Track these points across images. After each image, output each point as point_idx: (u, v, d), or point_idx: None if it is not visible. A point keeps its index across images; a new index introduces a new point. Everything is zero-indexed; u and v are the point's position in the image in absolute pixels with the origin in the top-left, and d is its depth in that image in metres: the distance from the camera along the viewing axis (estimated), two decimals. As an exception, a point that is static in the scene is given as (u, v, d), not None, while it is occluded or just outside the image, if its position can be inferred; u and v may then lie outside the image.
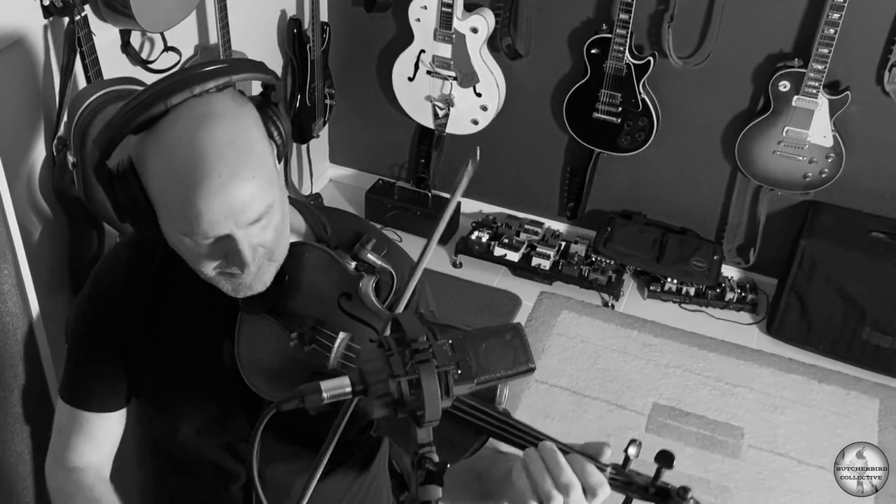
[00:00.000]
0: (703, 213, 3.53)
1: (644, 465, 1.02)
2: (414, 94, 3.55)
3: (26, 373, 2.11)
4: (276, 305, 1.16)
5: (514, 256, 3.59)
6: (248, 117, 1.08)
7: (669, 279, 3.49)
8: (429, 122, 3.61)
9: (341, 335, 1.12)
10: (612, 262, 3.53)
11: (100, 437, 1.35)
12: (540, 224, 3.76)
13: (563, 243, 3.67)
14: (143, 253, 1.28)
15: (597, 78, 3.23)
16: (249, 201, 1.05)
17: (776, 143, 3.10)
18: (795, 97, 2.98)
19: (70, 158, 1.99)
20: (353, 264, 1.18)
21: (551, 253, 3.58)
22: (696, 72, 3.19)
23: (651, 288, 3.51)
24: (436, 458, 0.84)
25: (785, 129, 3.06)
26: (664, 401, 3.08)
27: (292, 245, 1.17)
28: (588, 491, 0.98)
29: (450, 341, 0.84)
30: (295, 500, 1.03)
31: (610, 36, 3.12)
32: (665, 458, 1.00)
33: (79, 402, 1.33)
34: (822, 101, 2.97)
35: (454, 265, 3.65)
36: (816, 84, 2.93)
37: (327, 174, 4.12)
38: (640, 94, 3.20)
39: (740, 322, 3.44)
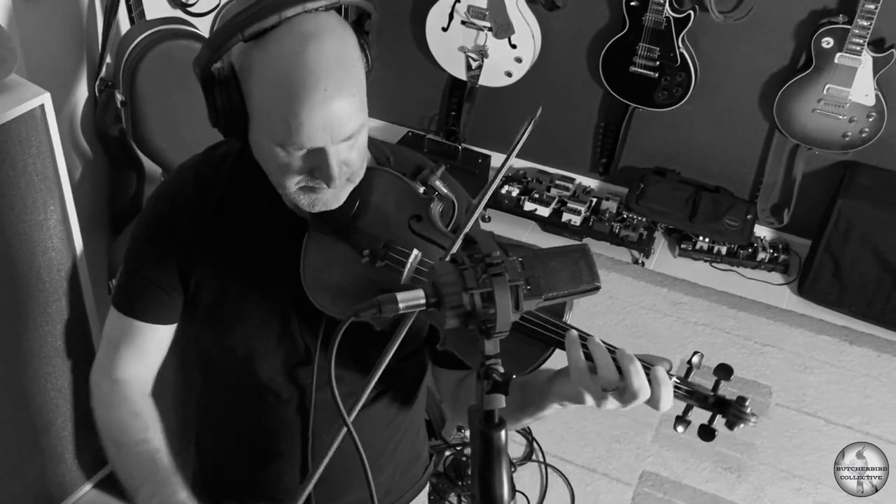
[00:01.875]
0: (738, 172, 3.57)
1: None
2: (447, 44, 3.58)
3: (69, 308, 2.20)
4: (346, 225, 1.23)
5: (544, 212, 3.64)
6: (350, 39, 1.16)
7: (701, 238, 3.54)
8: (461, 74, 3.65)
9: (415, 252, 1.20)
10: (644, 220, 3.58)
11: (148, 349, 1.41)
12: (571, 180, 3.81)
13: (595, 199, 3.72)
14: (211, 172, 1.34)
15: (635, 31, 3.26)
16: (347, 118, 1.13)
17: (816, 101, 3.13)
18: (838, 54, 3.01)
19: (119, 97, 2.06)
20: (422, 189, 1.25)
21: (582, 209, 3.63)
22: (737, 27, 3.21)
23: (682, 246, 3.56)
24: (501, 370, 0.92)
25: (826, 87, 3.09)
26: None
27: (367, 170, 1.24)
28: (654, 382, 1.08)
29: (520, 259, 0.90)
30: (353, 402, 1.10)
31: (650, -12, 3.15)
32: (724, 371, 1.10)
33: (131, 311, 1.38)
34: (866, 59, 2.99)
35: (483, 219, 3.71)
36: (861, 41, 2.95)
37: (356, 125, 4.17)
38: (678, 48, 3.22)
39: (771, 282, 3.49)
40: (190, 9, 2.65)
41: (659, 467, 2.81)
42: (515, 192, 3.70)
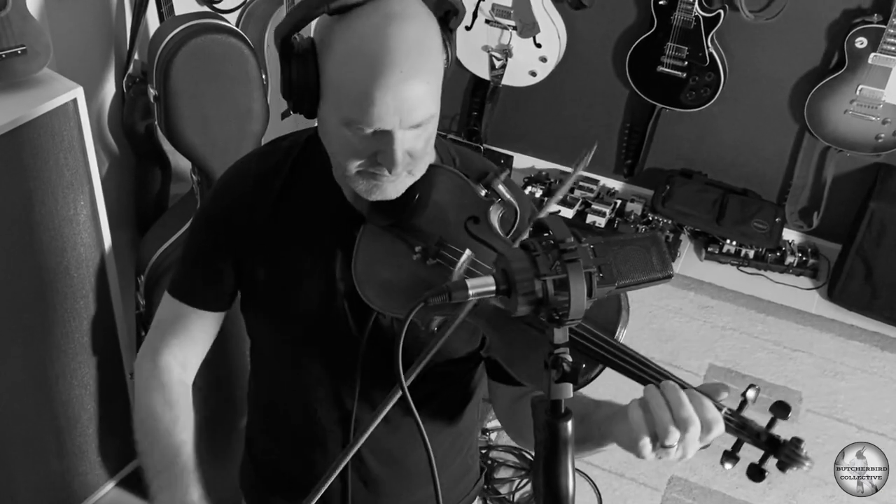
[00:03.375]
0: (767, 174, 3.58)
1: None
2: (471, 43, 3.59)
3: (96, 304, 2.22)
4: (402, 220, 1.24)
5: (567, 213, 3.66)
6: (434, 28, 1.17)
7: (728, 241, 3.54)
8: (484, 73, 3.66)
9: (467, 252, 1.20)
10: (670, 222, 3.59)
11: (195, 336, 1.43)
12: (595, 181, 3.82)
13: (619, 201, 3.73)
14: (274, 163, 1.36)
15: (663, 30, 3.27)
16: (419, 103, 1.13)
17: (849, 102, 3.14)
18: (872, 54, 3.01)
19: (151, 91, 2.08)
20: (484, 192, 1.26)
21: (607, 210, 3.64)
22: (768, 26, 3.22)
23: (709, 249, 3.57)
24: (570, 359, 0.92)
25: (859, 88, 3.09)
26: (720, 362, 3.15)
27: (430, 166, 1.25)
28: (703, 425, 1.04)
29: (591, 246, 0.91)
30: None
31: (679, -13, 3.16)
32: (781, 409, 1.06)
33: (183, 296, 1.41)
34: (901, 60, 3.00)
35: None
36: None
37: (376, 125, 4.19)
38: (707, 48, 3.24)
39: (800, 287, 3.49)
40: (216, 5, 2.67)
41: (687, 472, 2.81)
42: (538, 193, 3.71)
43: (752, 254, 3.54)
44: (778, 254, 3.53)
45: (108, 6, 2.36)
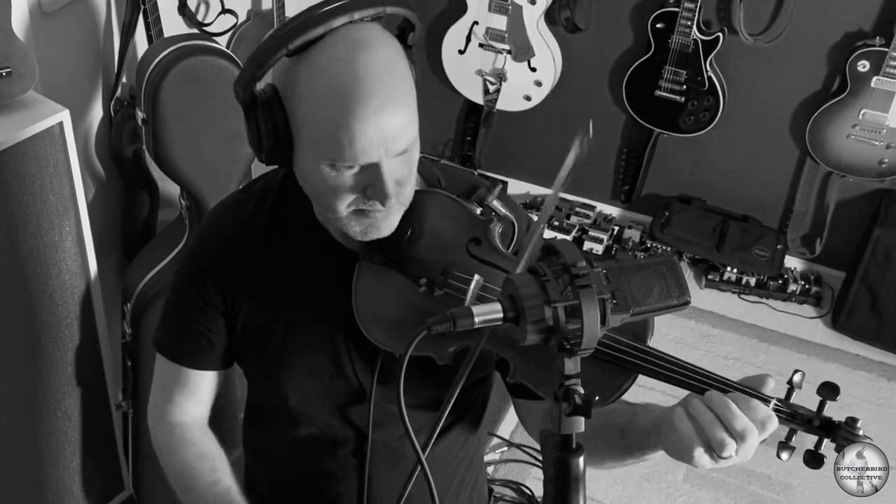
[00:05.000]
0: (768, 200, 3.58)
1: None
2: (464, 67, 3.60)
3: (81, 333, 2.19)
4: (399, 254, 1.20)
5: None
6: (398, 49, 1.14)
7: (729, 268, 3.54)
8: (478, 98, 3.66)
9: (476, 277, 1.17)
10: (669, 249, 3.58)
11: (201, 393, 1.41)
12: (591, 207, 3.82)
13: (616, 228, 3.72)
14: (250, 210, 1.32)
15: (661, 53, 3.28)
16: (401, 129, 1.11)
17: (851, 126, 3.14)
18: (875, 78, 3.02)
19: (140, 114, 2.06)
20: (479, 210, 1.24)
21: (604, 237, 3.64)
22: (768, 50, 3.24)
23: (709, 277, 3.56)
24: (582, 391, 0.90)
25: (862, 112, 3.10)
26: (723, 394, 3.13)
27: (417, 193, 1.21)
28: (757, 426, 1.03)
29: (604, 270, 0.89)
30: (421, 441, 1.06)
31: (677, 10, 3.16)
32: (829, 390, 1.05)
33: (179, 358, 1.39)
34: (905, 83, 3.01)
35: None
36: (899, 64, 2.98)
37: (367, 150, 4.18)
38: (706, 71, 3.24)
39: (803, 315, 3.48)
40: (206, 28, 2.66)
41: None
42: (536, 219, 3.69)
43: (753, 281, 3.53)
44: (780, 281, 3.52)
45: (95, 28, 2.35)
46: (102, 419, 2.34)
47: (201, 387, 1.41)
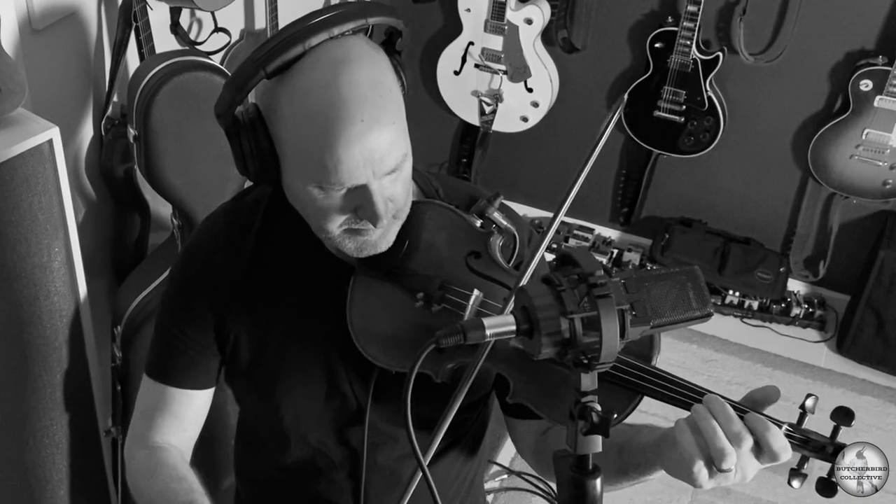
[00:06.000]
0: (770, 222, 3.56)
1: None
2: (460, 88, 3.59)
3: (69, 357, 2.15)
4: (396, 267, 1.18)
5: (563, 263, 3.62)
6: (383, 61, 1.11)
7: (731, 291, 3.52)
8: (474, 119, 3.65)
9: (475, 292, 1.14)
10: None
11: (185, 417, 1.36)
12: (590, 230, 3.80)
13: (616, 251, 3.70)
14: (241, 221, 1.29)
15: (660, 74, 3.28)
16: (389, 148, 1.08)
17: (854, 146, 3.14)
18: (878, 97, 3.02)
19: (131, 131, 2.04)
20: (479, 222, 1.21)
21: (603, 260, 3.61)
22: (769, 69, 3.24)
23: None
24: (599, 408, 0.87)
25: (865, 132, 3.10)
26: (727, 419, 3.10)
27: (414, 204, 1.19)
28: (767, 454, 1.01)
29: (623, 280, 0.86)
30: (425, 451, 1.03)
31: (676, 29, 3.16)
32: (843, 415, 1.03)
33: (164, 378, 1.34)
34: (908, 102, 3.01)
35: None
36: (902, 83, 2.98)
37: (362, 172, 4.17)
38: (706, 91, 3.24)
39: (807, 339, 3.46)
40: (199, 47, 2.65)
41: None
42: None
43: (756, 305, 3.51)
44: (783, 305, 3.50)
45: (86, 45, 2.33)
46: (91, 446, 2.30)
47: (185, 409, 1.35)
